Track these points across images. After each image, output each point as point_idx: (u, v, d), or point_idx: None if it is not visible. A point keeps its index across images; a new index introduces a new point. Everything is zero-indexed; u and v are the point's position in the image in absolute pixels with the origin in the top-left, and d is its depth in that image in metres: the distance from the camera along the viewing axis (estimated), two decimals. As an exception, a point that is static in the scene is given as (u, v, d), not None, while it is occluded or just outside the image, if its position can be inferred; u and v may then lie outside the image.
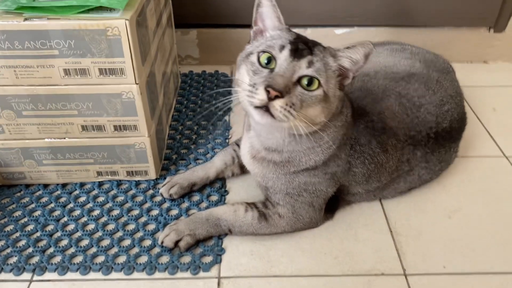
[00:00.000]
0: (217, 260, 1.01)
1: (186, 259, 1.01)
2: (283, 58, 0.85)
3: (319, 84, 0.85)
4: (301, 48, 0.86)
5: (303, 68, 0.84)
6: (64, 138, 1.11)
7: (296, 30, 1.70)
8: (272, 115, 0.82)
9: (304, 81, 0.84)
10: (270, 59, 0.86)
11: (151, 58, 1.15)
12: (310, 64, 0.84)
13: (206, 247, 1.04)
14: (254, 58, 0.88)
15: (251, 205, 1.07)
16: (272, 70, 0.85)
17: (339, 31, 1.72)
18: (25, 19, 0.94)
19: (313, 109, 0.86)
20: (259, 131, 0.99)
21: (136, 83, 1.02)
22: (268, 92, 0.80)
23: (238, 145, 1.22)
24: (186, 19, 1.69)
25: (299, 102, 0.83)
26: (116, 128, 1.09)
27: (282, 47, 0.86)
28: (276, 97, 0.80)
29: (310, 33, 1.71)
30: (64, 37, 0.95)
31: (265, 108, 0.81)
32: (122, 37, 0.96)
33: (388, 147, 1.06)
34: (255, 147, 1.04)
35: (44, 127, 1.08)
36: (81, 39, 0.96)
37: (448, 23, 1.72)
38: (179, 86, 1.63)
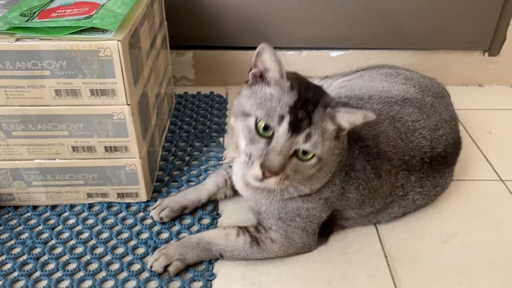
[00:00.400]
0: (208, 286, 0.98)
1: (176, 284, 0.98)
2: (281, 132, 0.82)
3: (314, 154, 0.85)
4: (301, 117, 0.82)
5: (300, 143, 0.82)
6: (54, 159, 1.09)
7: (291, 52, 1.71)
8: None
9: (300, 153, 0.84)
10: (268, 126, 0.83)
11: (144, 79, 1.14)
12: (308, 138, 0.82)
13: (196, 272, 1.01)
14: (251, 123, 0.84)
15: (243, 229, 1.05)
16: (269, 138, 0.83)
17: (334, 53, 1.73)
18: (17, 40, 0.93)
19: (307, 172, 0.88)
20: None
21: (127, 104, 1.02)
22: (263, 171, 0.82)
23: (231, 167, 1.20)
24: (182, 41, 1.70)
25: (293, 173, 0.85)
26: (107, 149, 1.08)
27: (281, 118, 0.82)
28: (271, 175, 0.82)
29: (305, 56, 1.72)
30: (56, 57, 0.95)
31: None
32: (114, 58, 0.95)
33: (382, 172, 1.04)
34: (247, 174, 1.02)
35: (34, 147, 1.07)
36: (73, 60, 0.95)
37: (443, 46, 1.73)
38: (173, 107, 1.62)
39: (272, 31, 1.69)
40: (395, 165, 1.05)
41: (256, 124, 0.83)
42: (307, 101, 0.84)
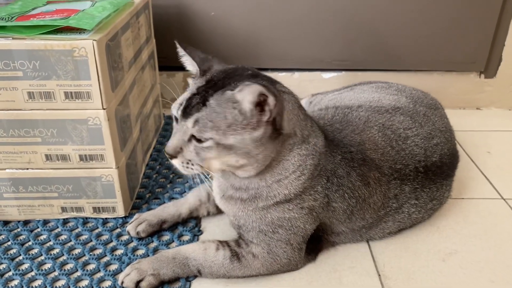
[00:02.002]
0: (183, 304, 0.90)
1: (148, 302, 0.90)
2: (178, 118, 0.85)
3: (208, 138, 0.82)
4: (194, 103, 0.82)
5: (189, 127, 0.82)
6: (27, 169, 1.04)
7: (283, 74, 1.69)
8: None
9: (193, 138, 0.84)
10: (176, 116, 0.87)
11: (124, 88, 1.10)
12: (195, 123, 0.81)
13: (171, 290, 0.93)
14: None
15: (223, 243, 0.97)
16: None
17: (326, 75, 1.70)
18: (-11, 39, 0.90)
19: (220, 158, 0.84)
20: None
21: (103, 109, 0.97)
22: (167, 152, 0.86)
23: (216, 182, 1.14)
24: (172, 61, 1.67)
25: (196, 157, 0.84)
26: (81, 158, 1.02)
27: (180, 105, 0.85)
28: (173, 157, 0.85)
29: (297, 77, 1.70)
30: (29, 57, 0.91)
31: None
32: (89, 59, 0.92)
33: (370, 180, 0.98)
34: (222, 187, 0.98)
35: (5, 155, 1.02)
36: (47, 60, 0.92)
37: (437, 67, 1.70)
38: (161, 127, 1.58)
39: (264, 51, 1.68)
40: (385, 173, 0.99)
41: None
42: (212, 87, 0.83)
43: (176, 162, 0.86)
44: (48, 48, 0.91)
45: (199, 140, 0.82)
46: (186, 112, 0.83)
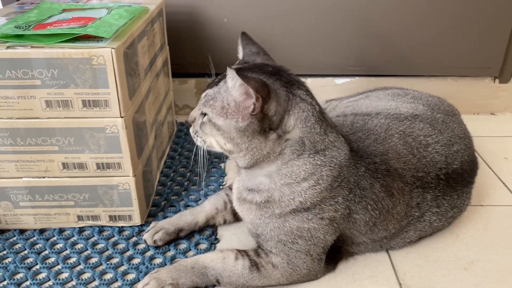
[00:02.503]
0: (202, 314, 0.89)
1: (167, 312, 0.89)
2: None
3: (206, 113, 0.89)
4: (215, 81, 0.90)
5: (202, 100, 0.90)
6: (44, 177, 1.03)
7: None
8: None
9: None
10: None
11: (140, 96, 1.10)
12: (204, 97, 0.90)
13: (190, 299, 0.92)
14: None
15: (242, 252, 0.96)
16: None
17: (339, 80, 1.69)
18: (8, 47, 0.90)
19: (213, 136, 0.90)
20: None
21: (121, 117, 0.97)
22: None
23: (232, 189, 1.13)
24: (185, 68, 1.68)
25: (199, 129, 0.92)
26: (98, 166, 1.02)
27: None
28: (190, 125, 0.95)
29: (310, 83, 1.68)
30: (47, 66, 0.91)
31: None
32: (108, 67, 0.91)
33: (394, 190, 0.96)
34: (239, 188, 0.99)
35: (22, 164, 1.01)
36: (65, 68, 0.91)
37: (451, 72, 1.69)
38: (174, 134, 1.57)
39: (277, 57, 1.65)
40: (408, 183, 0.97)
41: None
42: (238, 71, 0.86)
43: (190, 130, 0.95)
44: (66, 57, 0.90)
45: (204, 115, 0.89)
46: (207, 87, 0.92)
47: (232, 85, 0.82)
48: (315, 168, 0.88)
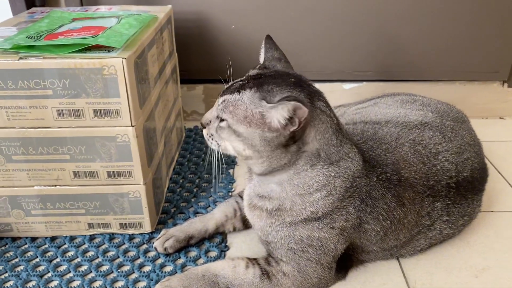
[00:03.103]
0: (213, 323, 0.89)
1: (178, 321, 0.89)
2: None
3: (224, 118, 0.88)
4: (234, 87, 0.88)
5: (218, 104, 0.89)
6: (55, 186, 1.04)
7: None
8: None
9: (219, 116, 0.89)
10: None
11: (150, 104, 1.10)
12: (223, 102, 0.88)
13: (201, 308, 0.92)
14: None
15: (253, 261, 0.96)
16: None
17: (347, 86, 1.69)
18: (20, 58, 0.91)
19: (230, 141, 0.89)
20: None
21: (132, 126, 0.97)
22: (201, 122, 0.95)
23: (242, 197, 1.13)
24: (193, 75, 1.69)
25: (215, 133, 0.91)
26: (109, 174, 1.03)
27: (226, 86, 0.92)
28: (203, 127, 0.94)
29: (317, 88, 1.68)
30: (59, 76, 0.92)
31: None
32: (119, 76, 0.92)
33: (405, 200, 0.96)
34: (250, 194, 0.99)
35: (34, 173, 1.02)
36: (76, 78, 0.92)
37: (459, 77, 1.68)
38: (182, 140, 1.58)
39: (284, 63, 1.67)
40: (419, 192, 0.97)
41: None
42: (255, 80, 0.87)
43: (204, 132, 0.95)
44: (78, 67, 0.91)
45: (221, 120, 0.88)
46: (224, 91, 0.90)
47: (276, 110, 0.79)
48: (328, 179, 0.88)
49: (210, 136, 0.93)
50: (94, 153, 1.00)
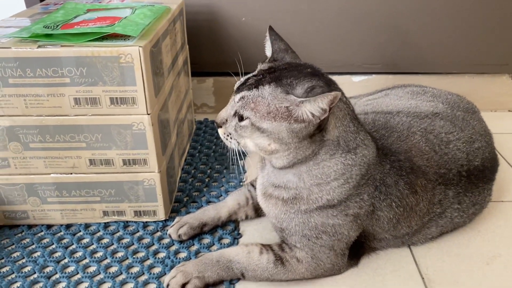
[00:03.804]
0: (228, 307, 0.91)
1: (194, 305, 0.91)
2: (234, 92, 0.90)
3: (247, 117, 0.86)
4: (249, 83, 0.87)
5: (236, 102, 0.87)
6: (71, 174, 1.06)
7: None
8: None
9: (237, 114, 0.87)
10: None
11: (164, 93, 1.12)
12: (241, 99, 0.86)
13: (216, 292, 0.94)
14: None
15: (266, 247, 0.98)
16: None
17: (356, 78, 1.70)
18: (39, 46, 0.92)
19: (253, 139, 0.87)
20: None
21: (147, 114, 0.99)
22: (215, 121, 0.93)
23: (254, 186, 1.15)
24: (203, 67, 1.70)
25: (234, 132, 0.89)
26: (125, 162, 1.04)
27: (240, 82, 0.90)
28: (220, 126, 0.91)
29: (327, 81, 1.69)
30: (76, 64, 0.93)
31: None
32: (135, 65, 0.94)
33: (418, 188, 0.97)
34: (264, 184, 0.99)
35: (51, 161, 1.04)
36: (93, 67, 0.94)
37: (468, 70, 1.69)
38: (193, 132, 1.59)
39: (294, 56, 1.68)
40: (431, 180, 0.98)
41: None
42: (270, 74, 0.86)
43: (220, 132, 0.92)
44: (95, 55, 0.93)
45: (240, 118, 0.86)
46: (239, 88, 0.88)
47: (319, 103, 0.78)
48: (346, 168, 0.89)
49: (228, 135, 0.91)
50: (110, 141, 1.01)
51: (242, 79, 0.91)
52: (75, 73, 0.94)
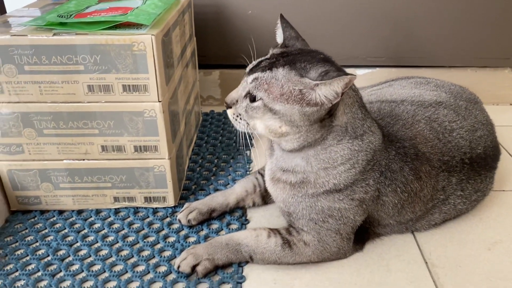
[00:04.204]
0: (237, 288, 0.94)
1: (204, 286, 0.94)
2: (246, 74, 0.92)
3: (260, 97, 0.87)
4: (262, 65, 0.89)
5: (248, 83, 0.89)
6: (83, 160, 1.08)
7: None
8: None
9: (249, 95, 0.89)
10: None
11: (174, 82, 1.14)
12: (254, 80, 0.88)
13: (225, 274, 0.96)
14: None
15: (274, 231, 1.00)
16: None
17: (360, 71, 1.73)
18: (54, 34, 0.95)
19: (264, 120, 0.89)
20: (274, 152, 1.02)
21: (159, 101, 1.01)
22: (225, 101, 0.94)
23: (261, 174, 1.17)
24: (209, 60, 1.72)
25: (245, 113, 0.90)
26: (136, 149, 1.07)
27: (252, 64, 0.93)
28: (229, 107, 0.92)
29: (331, 74, 1.71)
30: (91, 52, 0.96)
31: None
32: (148, 53, 0.96)
33: (422, 174, 1.00)
34: (273, 169, 1.02)
35: (64, 147, 1.07)
36: (107, 54, 0.96)
37: (471, 63, 1.71)
38: (200, 123, 1.62)
39: (299, 49, 1.70)
40: (435, 166, 1.01)
41: None
42: (283, 57, 0.88)
43: (229, 112, 0.94)
44: (109, 43, 0.95)
45: (252, 99, 0.88)
46: (252, 70, 0.90)
47: (335, 87, 0.80)
48: (352, 153, 0.92)
49: (237, 116, 0.92)
50: (122, 128, 1.04)
51: (255, 61, 0.93)
52: (89, 61, 0.97)
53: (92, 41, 0.95)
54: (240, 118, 0.92)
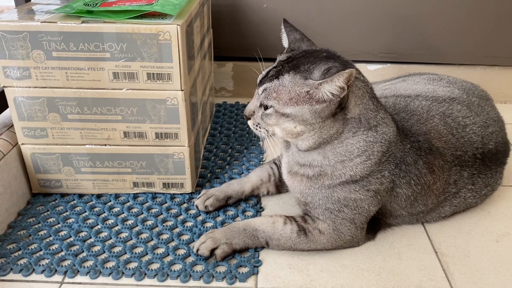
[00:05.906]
0: (254, 272, 0.97)
1: (222, 268, 0.97)
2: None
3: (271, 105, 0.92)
4: (270, 75, 0.94)
5: (259, 94, 0.94)
6: (105, 145, 1.12)
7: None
8: None
9: (262, 105, 0.94)
10: None
11: (194, 72, 1.17)
12: (264, 91, 0.93)
13: (242, 258, 1.00)
14: None
15: (290, 218, 1.04)
16: None
17: (372, 67, 1.75)
18: (83, 22, 0.98)
19: (279, 124, 0.93)
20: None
21: (181, 90, 1.04)
22: (244, 114, 0.99)
23: (276, 164, 1.21)
24: (223, 52, 1.75)
25: (262, 121, 0.96)
26: (157, 135, 1.10)
27: (262, 75, 0.97)
28: (248, 119, 0.98)
29: (343, 69, 1.74)
30: (117, 40, 0.99)
31: None
32: (173, 42, 0.99)
33: (435, 167, 1.03)
34: (290, 163, 1.05)
35: (87, 132, 1.10)
36: (133, 43, 0.99)
37: (481, 62, 1.74)
38: (213, 114, 1.65)
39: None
40: (448, 161, 1.04)
41: None
42: (288, 63, 0.92)
43: (249, 123, 0.99)
44: (135, 32, 0.98)
45: (265, 108, 0.93)
46: (262, 81, 0.95)
47: (336, 82, 0.84)
48: (367, 145, 0.95)
49: (257, 125, 0.98)
50: (145, 115, 1.07)
51: (264, 72, 0.97)
52: (116, 49, 1.00)
53: (119, 29, 0.98)
54: (260, 127, 0.97)
